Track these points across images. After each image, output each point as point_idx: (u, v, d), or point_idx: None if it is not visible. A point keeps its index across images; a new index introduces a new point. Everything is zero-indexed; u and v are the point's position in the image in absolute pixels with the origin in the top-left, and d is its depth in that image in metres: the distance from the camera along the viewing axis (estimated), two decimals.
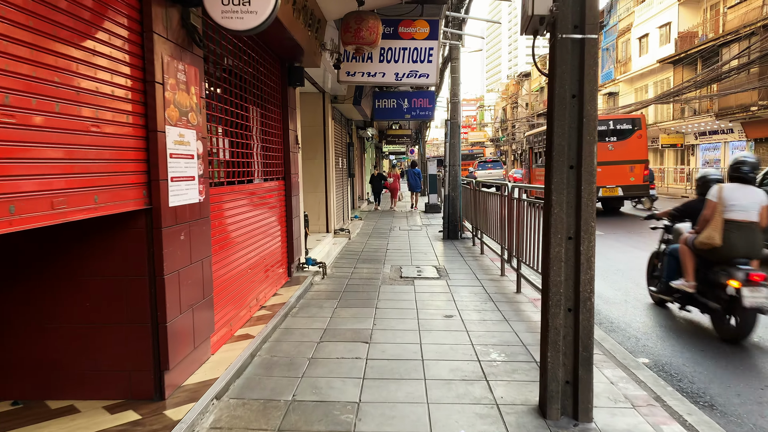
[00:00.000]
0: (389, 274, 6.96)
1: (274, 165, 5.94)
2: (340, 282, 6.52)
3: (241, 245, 4.60)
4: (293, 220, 6.39)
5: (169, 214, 3.03)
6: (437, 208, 16.80)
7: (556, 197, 3.05)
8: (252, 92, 5.28)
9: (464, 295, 5.82)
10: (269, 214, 5.65)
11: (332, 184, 10.27)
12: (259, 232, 5.18)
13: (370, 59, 6.65)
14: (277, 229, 5.98)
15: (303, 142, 9.89)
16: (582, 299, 3.00)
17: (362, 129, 17.01)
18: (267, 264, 5.46)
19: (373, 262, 7.88)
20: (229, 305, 4.22)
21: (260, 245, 5.21)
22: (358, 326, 4.69)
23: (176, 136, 3.13)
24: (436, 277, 6.78)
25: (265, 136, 5.73)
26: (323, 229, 10.00)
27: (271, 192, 5.77)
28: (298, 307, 5.36)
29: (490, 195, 7.81)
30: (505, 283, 6.42)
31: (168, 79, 3.05)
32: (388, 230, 12.05)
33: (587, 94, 3.05)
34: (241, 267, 4.57)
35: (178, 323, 3.12)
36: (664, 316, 5.35)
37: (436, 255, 8.54)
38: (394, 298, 5.73)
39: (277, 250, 5.92)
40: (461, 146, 10.16)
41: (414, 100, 11.37)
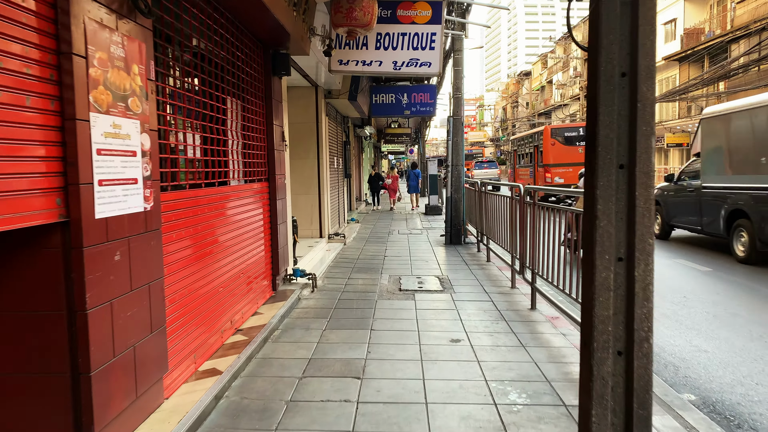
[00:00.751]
0: (387, 286, 6.25)
1: (255, 165, 5.23)
2: (331, 296, 5.80)
3: (210, 260, 3.88)
4: (279, 227, 5.68)
5: (96, 228, 2.32)
6: (438, 210, 16.09)
7: (603, 206, 2.33)
8: (228, 80, 4.57)
9: (472, 313, 5.11)
10: (249, 221, 4.93)
11: (326, 186, 9.56)
12: (235, 243, 4.47)
13: (365, 46, 5.95)
14: (260, 237, 5.26)
15: (294, 140, 9.18)
16: (637, 340, 2.29)
17: (360, 127, 16.30)
18: (246, 279, 4.75)
19: (369, 272, 7.16)
20: (192, 333, 3.50)
21: (236, 258, 4.49)
22: (349, 355, 3.97)
23: (108, 126, 2.42)
24: (439, 289, 6.07)
25: (245, 132, 5.02)
26: (316, 234, 9.29)
27: (252, 195, 5.05)
28: (280, 329, 4.64)
29: (498, 198, 7.09)
30: (516, 298, 5.71)
31: (95, 52, 2.33)
32: (387, 234, 11.34)
33: (642, 71, 2.33)
34: (209, 286, 3.85)
35: (110, 369, 2.40)
36: (702, 335, 4.65)
37: (439, 263, 7.82)
38: (392, 316, 5.01)
39: (259, 262, 5.20)
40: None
41: (414, 94, 10.64)
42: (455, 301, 5.54)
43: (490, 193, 7.71)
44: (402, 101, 10.62)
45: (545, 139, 18.17)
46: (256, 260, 5.09)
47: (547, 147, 18.04)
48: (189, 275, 3.49)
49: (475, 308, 5.28)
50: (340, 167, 12.11)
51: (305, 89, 9.03)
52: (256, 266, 5.12)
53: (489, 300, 5.60)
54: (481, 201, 8.31)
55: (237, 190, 4.61)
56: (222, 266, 4.13)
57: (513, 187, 6.25)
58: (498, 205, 7.12)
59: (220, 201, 4.16)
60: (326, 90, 9.48)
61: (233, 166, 4.69)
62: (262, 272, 5.31)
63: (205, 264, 3.79)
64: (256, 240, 5.14)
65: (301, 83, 8.72)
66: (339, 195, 11.74)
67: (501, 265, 7.50)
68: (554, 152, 17.68)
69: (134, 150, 2.64)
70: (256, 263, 5.09)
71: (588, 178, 2.41)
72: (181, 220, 3.39)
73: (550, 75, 49.26)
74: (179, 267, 3.34)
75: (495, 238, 7.42)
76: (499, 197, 6.95)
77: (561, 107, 42.91)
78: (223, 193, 4.26)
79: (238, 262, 4.53)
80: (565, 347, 4.15)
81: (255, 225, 5.10)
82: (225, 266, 4.20)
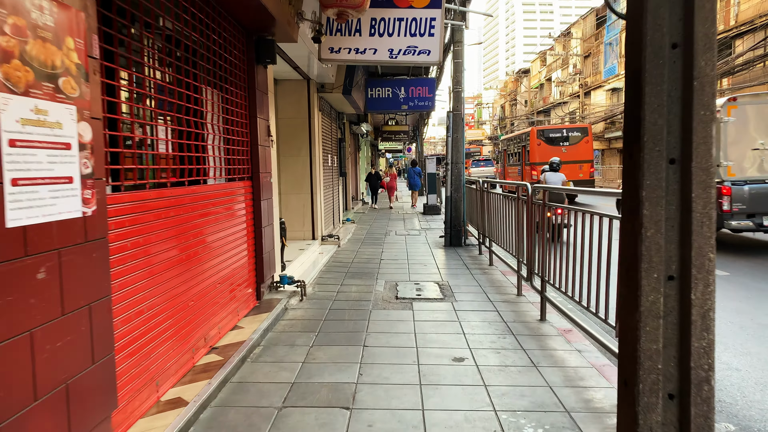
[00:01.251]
0: (382, 294, 5.76)
1: (237, 161, 4.74)
2: (321, 305, 5.31)
3: (178, 270, 3.39)
4: (264, 230, 5.19)
5: (7, 239, 1.83)
6: (436, 209, 15.61)
7: (650, 211, 1.85)
8: (204, 68, 4.08)
9: (476, 325, 4.63)
10: (229, 224, 4.44)
11: (319, 185, 9.06)
12: (211, 249, 3.98)
13: (358, 32, 5.45)
14: (242, 242, 4.77)
15: (285, 136, 8.69)
16: (695, 381, 1.81)
17: (356, 124, 15.81)
18: (224, 289, 4.26)
19: (364, 277, 6.67)
20: (154, 357, 3.01)
21: (212, 266, 4.00)
22: (337, 377, 3.49)
23: (27, 111, 1.93)
24: (439, 297, 5.58)
25: (225, 126, 4.53)
26: (309, 236, 8.79)
27: (233, 195, 4.56)
28: (262, 345, 4.15)
29: (502, 198, 6.61)
30: (524, 307, 5.23)
31: (7, 16, 1.84)
32: (383, 235, 10.85)
33: (700, 40, 1.84)
34: (178, 300, 3.36)
35: (28, 417, 1.91)
36: (731, 350, 4.17)
37: (438, 267, 7.34)
38: (387, 329, 4.53)
39: (240, 269, 4.71)
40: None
41: (412, 88, 10.11)
42: (457, 311, 5.05)
43: (493, 192, 7.23)
44: (399, 95, 10.11)
45: (532, 139, 19.65)
46: (237, 267, 4.60)
47: (533, 147, 19.51)
48: (150, 290, 3.00)
49: (479, 319, 4.79)
50: (335, 165, 11.61)
51: (296, 83, 8.54)
52: (238, 274, 4.63)
53: (494, 309, 5.12)
54: (482, 201, 7.82)
55: (214, 189, 4.12)
56: (194, 276, 3.64)
57: (519, 186, 5.78)
58: (502, 206, 6.64)
59: (192, 202, 3.67)
60: (319, 84, 8.98)
61: (210, 162, 4.20)
62: (244, 280, 4.82)
63: (172, 275, 3.30)
64: (238, 245, 4.65)
65: (291, 76, 8.22)
66: (333, 194, 11.24)
67: (505, 269, 7.02)
68: (540, 151, 19.13)
69: (68, 142, 2.15)
70: (237, 271, 4.60)
71: (630, 175, 1.93)
72: (139, 225, 2.90)
73: (549, 72, 48.78)
74: (136, 281, 2.85)
75: (498, 241, 6.94)
76: (503, 197, 6.47)
77: (560, 105, 42.44)
78: (196, 193, 3.76)
79: (214, 271, 4.04)
80: (582, 367, 3.68)
81: (236, 228, 4.61)
82: (198, 276, 3.71)
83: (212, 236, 4.03)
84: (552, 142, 19.52)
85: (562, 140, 19.27)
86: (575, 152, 19.06)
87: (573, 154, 19.01)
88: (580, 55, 39.67)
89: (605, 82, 35.28)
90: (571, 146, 19.23)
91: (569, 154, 18.93)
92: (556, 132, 19.94)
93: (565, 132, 19.55)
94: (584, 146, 19.30)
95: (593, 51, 38.42)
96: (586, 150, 19.24)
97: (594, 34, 38.58)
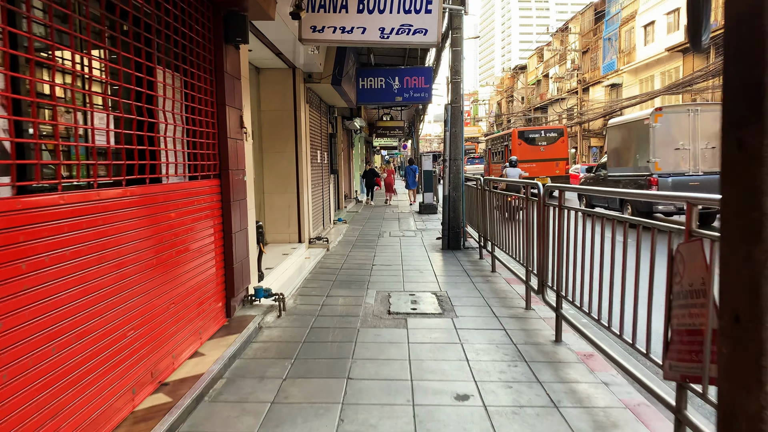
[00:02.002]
0: (373, 308, 5.08)
1: (200, 157, 4.04)
2: (302, 323, 4.62)
3: (111, 291, 2.69)
4: (235, 236, 4.49)
5: None
6: (433, 208, 14.93)
7: None
8: (158, 45, 3.38)
9: (481, 349, 3.95)
10: (189, 231, 3.74)
11: (307, 183, 8.37)
12: (163, 262, 3.28)
13: (344, 8, 4.74)
14: (207, 250, 4.07)
15: (269, 130, 7.97)
16: None
17: (349, 119, 15.09)
18: (183, 308, 3.56)
19: (353, 286, 5.98)
20: (67, 411, 2.31)
21: (165, 282, 3.30)
22: (313, 424, 2.80)
23: None
24: (437, 312, 4.90)
25: (186, 114, 3.83)
26: (294, 239, 8.09)
27: (195, 196, 3.86)
28: (225, 378, 3.45)
29: (507, 198, 5.93)
30: (534, 324, 4.56)
31: None
32: (377, 237, 10.16)
33: None
34: (109, 331, 2.66)
35: None
36: None
37: (436, 274, 6.66)
38: (377, 355, 3.84)
39: (205, 283, 4.01)
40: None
41: (407, 78, 9.38)
42: (458, 330, 4.37)
43: (497, 192, 6.53)
44: (393, 86, 9.38)
45: (513, 139, 21.57)
46: (200, 282, 3.90)
47: (515, 146, 21.33)
48: (67, 321, 2.30)
49: (485, 341, 4.12)
50: (325, 162, 10.90)
51: (281, 72, 7.83)
52: (202, 289, 3.93)
53: (501, 328, 4.45)
54: (484, 201, 7.14)
55: (167, 190, 3.42)
56: (135, 298, 2.94)
57: (528, 185, 5.10)
58: (508, 207, 5.95)
59: (136, 206, 2.97)
60: (306, 73, 8.27)
61: (165, 158, 3.50)
62: (210, 295, 4.12)
63: (103, 298, 2.60)
64: (201, 255, 3.95)
65: (275, 64, 7.51)
66: (323, 193, 10.54)
67: (509, 277, 6.35)
68: (520, 150, 21.08)
69: None
70: (200, 286, 3.90)
71: (739, 175, 1.25)
72: (42, 240, 2.20)
73: (547, 69, 48.16)
74: (40, 314, 2.15)
75: (503, 246, 6.25)
76: (511, 197, 5.79)
77: (558, 101, 41.81)
78: (143, 194, 3.06)
79: (167, 288, 3.34)
80: (613, 408, 3.01)
81: (199, 235, 3.91)
82: (143, 297, 3.01)
83: (166, 246, 3.33)
84: (531, 142, 21.34)
85: (540, 140, 21.29)
86: (552, 151, 21.08)
87: (550, 152, 21.05)
88: (579, 51, 39.03)
89: (604, 77, 34.66)
90: (548, 146, 21.16)
91: (546, 152, 21.02)
92: (534, 133, 21.87)
93: (543, 133, 21.64)
94: (560, 146, 21.20)
95: (592, 46, 37.79)
96: (562, 149, 21.25)
97: (592, 29, 37.95)
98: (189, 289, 3.70)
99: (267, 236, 8.05)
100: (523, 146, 21.20)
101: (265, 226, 7.95)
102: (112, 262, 2.71)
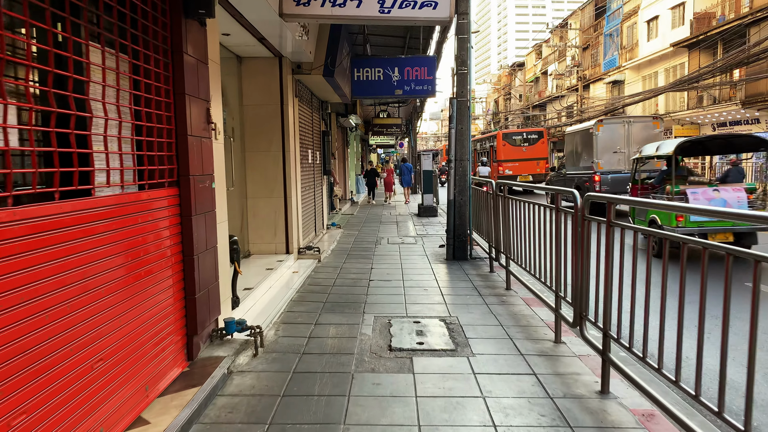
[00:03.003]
0: (371, 341, 4.20)
1: (149, 159, 3.16)
2: (283, 365, 3.73)
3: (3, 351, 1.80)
4: (198, 259, 3.60)
5: None
6: (433, 210, 14.07)
7: None
8: (88, 14, 2.50)
9: (509, 405, 3.08)
10: (131, 258, 2.86)
11: (296, 186, 7.48)
12: (83, 307, 2.39)
13: None
14: (159, 280, 3.19)
15: (252, 127, 7.07)
16: None
17: (343, 116, 14.17)
18: (119, 362, 2.67)
19: (347, 310, 5.11)
20: None
21: (87, 334, 2.41)
22: None
23: None
24: (449, 349, 4.03)
25: (131, 105, 2.95)
26: (282, 249, 7.20)
27: (139, 212, 2.97)
28: None
29: (529, 207, 5.04)
30: (570, 365, 3.70)
31: None
32: (374, 244, 9.28)
33: None
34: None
35: None
36: None
37: (442, 292, 5.79)
38: (376, 417, 2.96)
39: (157, 322, 3.13)
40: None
41: (407, 69, 8.44)
42: (477, 376, 3.50)
43: (513, 198, 5.65)
44: (392, 78, 8.44)
45: (498, 141, 23.50)
46: (148, 322, 3.02)
47: (499, 147, 23.28)
48: None
49: (513, 393, 3.25)
50: (318, 162, 10.01)
51: (265, 61, 6.93)
52: (150, 331, 3.04)
53: (530, 372, 3.58)
54: (496, 208, 6.26)
55: (97, 206, 2.53)
56: (34, 365, 2.05)
57: (557, 192, 4.24)
58: (529, 217, 5.07)
59: (22, 236, 2.08)
60: (295, 63, 7.37)
61: (98, 162, 2.61)
62: (164, 337, 3.24)
63: None
64: (148, 287, 3.06)
65: (258, 52, 6.62)
66: (315, 196, 9.65)
67: (527, 296, 5.50)
68: (505, 151, 23.15)
69: None
70: (148, 327, 3.02)
71: None
72: None
73: (545, 66, 47.32)
74: None
75: (521, 261, 5.37)
76: (534, 206, 4.90)
77: (557, 99, 40.97)
78: (34, 218, 2.17)
79: (89, 342, 2.45)
80: None
81: (144, 263, 3.02)
82: (44, 363, 2.12)
83: (91, 284, 2.44)
84: (514, 143, 23.28)
85: (522, 141, 23.22)
86: (533, 151, 23.02)
87: (532, 152, 22.98)
88: (579, 47, 38.22)
89: (605, 74, 33.85)
90: (530, 146, 23.05)
91: (528, 152, 22.94)
92: (517, 135, 23.85)
93: (525, 135, 23.63)
94: (541, 146, 23.16)
95: (592, 42, 36.96)
96: (542, 149, 23.17)
97: (593, 25, 37.12)
98: (130, 335, 2.81)
99: (250, 246, 7.16)
100: (507, 147, 23.16)
101: (247, 235, 7.06)
102: (12, 310, 1.82)
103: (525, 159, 22.75)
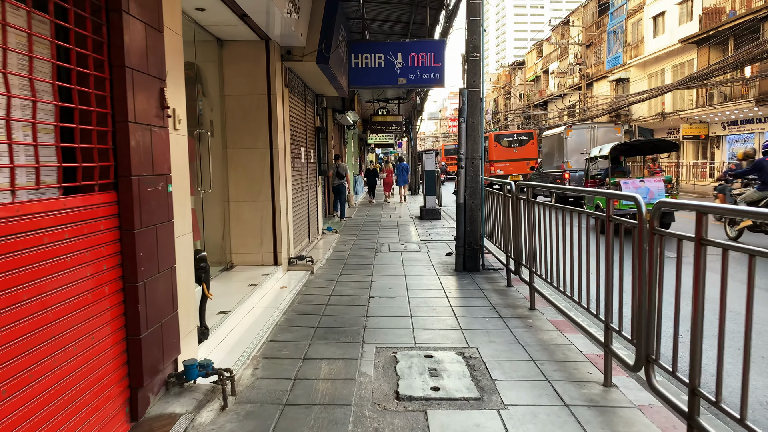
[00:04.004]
0: (372, 385, 3.34)
1: (71, 154, 2.29)
2: (257, 427, 2.86)
3: None
4: (145, 285, 2.73)
5: None
6: (436, 213, 13.23)
7: None
8: None
9: None
10: (37, 293, 1.99)
11: (286, 187, 6.61)
12: None
13: None
14: (92, 314, 2.32)
15: (235, 120, 6.18)
16: None
17: (340, 113, 13.31)
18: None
19: (342, 339, 4.24)
20: None
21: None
22: None
23: None
24: (472, 397, 3.16)
25: (45, 80, 2.09)
26: (269, 260, 6.33)
27: (54, 226, 2.11)
28: None
29: (567, 214, 4.16)
30: (632, 421, 2.83)
31: None
32: (373, 251, 8.41)
33: None
34: None
35: None
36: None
37: (455, 313, 4.93)
38: None
39: (84, 374, 2.26)
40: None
41: (412, 55, 7.52)
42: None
43: (542, 204, 4.77)
44: (395, 65, 7.53)
45: (490, 142, 24.19)
46: (71, 373, 2.15)
47: (491, 148, 24.13)
48: None
49: None
50: (312, 161, 9.14)
51: (250, 45, 6.06)
52: (74, 387, 2.17)
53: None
54: (517, 213, 5.40)
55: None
56: None
57: (611, 197, 3.38)
58: (564, 228, 4.20)
59: None
60: (284, 48, 6.50)
61: None
62: (95, 392, 2.36)
63: None
64: (73, 325, 2.19)
65: (241, 33, 5.75)
66: (309, 199, 8.78)
67: (556, 318, 4.65)
68: (497, 152, 24.21)
69: None
70: (72, 381, 2.14)
71: None
72: None
73: (546, 64, 46.50)
74: None
75: (550, 278, 4.49)
76: (576, 213, 4.03)
77: (560, 97, 40.12)
78: None
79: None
80: None
81: (68, 291, 2.15)
82: None
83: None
84: (506, 144, 24.49)
85: (513, 143, 24.50)
86: (524, 152, 24.22)
87: (522, 153, 24.17)
88: (582, 44, 37.41)
89: (609, 72, 33.03)
90: (520, 147, 24.24)
91: (519, 153, 24.13)
92: (508, 136, 25.16)
93: (516, 136, 24.97)
94: (530, 147, 24.39)
95: (595, 40, 36.15)
96: (532, 150, 24.32)
97: (596, 22, 36.31)
98: (42, 397, 1.94)
99: (233, 257, 6.28)
100: (499, 148, 24.24)
101: (230, 244, 6.18)
102: None
103: (516, 159, 23.83)
